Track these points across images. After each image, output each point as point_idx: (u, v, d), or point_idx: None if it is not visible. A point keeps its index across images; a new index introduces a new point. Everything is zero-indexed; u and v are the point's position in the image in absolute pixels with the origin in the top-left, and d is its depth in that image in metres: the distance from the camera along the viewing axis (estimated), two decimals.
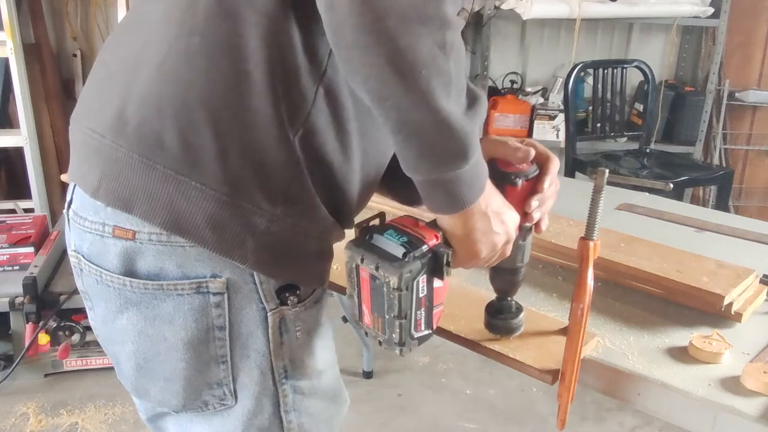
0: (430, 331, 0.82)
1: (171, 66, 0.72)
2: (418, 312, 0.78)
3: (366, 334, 0.83)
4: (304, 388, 0.85)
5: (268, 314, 0.79)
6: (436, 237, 0.78)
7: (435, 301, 0.80)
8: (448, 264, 0.78)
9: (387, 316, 0.77)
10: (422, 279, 0.77)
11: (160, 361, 0.80)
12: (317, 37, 0.72)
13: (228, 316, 0.77)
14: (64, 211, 0.85)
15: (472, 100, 0.72)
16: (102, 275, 0.79)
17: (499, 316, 0.93)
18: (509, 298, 0.93)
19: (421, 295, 0.77)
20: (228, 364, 0.80)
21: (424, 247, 0.77)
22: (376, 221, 0.82)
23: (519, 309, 0.94)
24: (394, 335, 0.78)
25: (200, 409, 0.83)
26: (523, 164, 0.84)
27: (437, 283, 0.79)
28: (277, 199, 0.73)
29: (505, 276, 0.91)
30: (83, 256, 0.81)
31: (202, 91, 0.71)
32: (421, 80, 0.65)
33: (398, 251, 0.76)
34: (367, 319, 0.81)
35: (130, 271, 0.77)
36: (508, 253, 0.85)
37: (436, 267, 0.78)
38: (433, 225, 0.80)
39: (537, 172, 0.85)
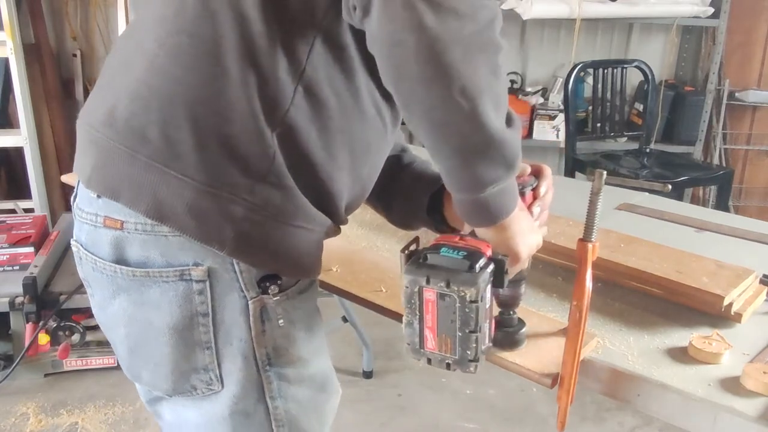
0: (491, 344, 0.82)
1: (159, 64, 0.76)
2: (485, 324, 0.78)
3: (429, 361, 0.80)
4: (289, 375, 0.86)
5: (249, 303, 0.81)
6: (488, 246, 0.80)
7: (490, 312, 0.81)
8: (506, 272, 0.79)
9: (460, 333, 0.76)
10: (488, 289, 0.77)
11: (149, 345, 0.84)
12: (296, 38, 0.76)
13: (211, 303, 0.80)
14: (72, 203, 0.90)
15: (509, 114, 0.77)
16: (97, 263, 0.83)
17: (503, 329, 0.92)
18: (512, 312, 0.93)
19: (487, 306, 0.78)
20: (213, 350, 0.82)
21: (483, 258, 0.78)
22: (413, 246, 0.82)
23: (522, 322, 0.94)
24: (468, 352, 0.77)
25: (189, 393, 0.86)
26: (522, 178, 0.90)
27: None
28: (254, 188, 0.76)
29: (507, 288, 0.91)
30: (82, 245, 0.86)
31: (184, 87, 0.75)
32: (481, 105, 0.71)
33: (464, 264, 0.76)
34: (430, 344, 0.79)
35: (120, 259, 0.81)
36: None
37: (496, 276, 0.79)
38: (475, 236, 0.83)
39: (536, 182, 0.93)
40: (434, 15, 0.67)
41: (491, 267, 0.78)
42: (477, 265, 0.76)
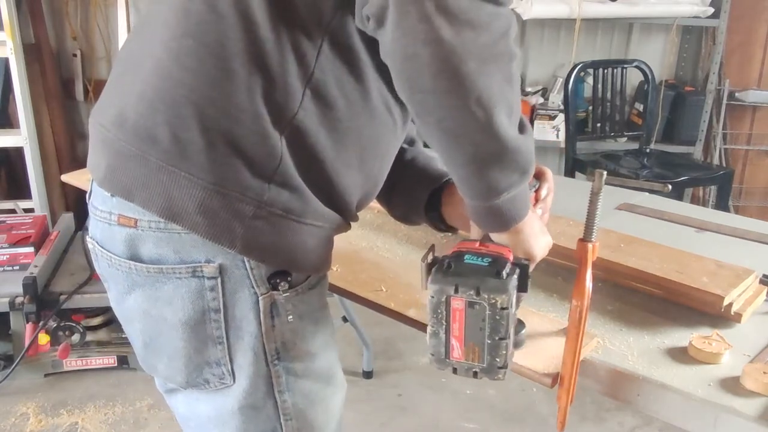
0: (514, 350, 0.82)
1: (164, 66, 0.77)
2: (512, 330, 0.77)
3: (455, 371, 0.79)
4: (296, 369, 0.87)
5: (259, 299, 0.82)
6: (509, 252, 0.80)
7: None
8: (529, 276, 0.80)
9: (489, 341, 0.75)
10: (515, 295, 0.77)
11: (163, 339, 0.85)
12: (304, 42, 0.76)
13: (222, 299, 0.81)
14: (87, 200, 0.91)
15: (521, 120, 0.78)
16: (112, 259, 0.85)
17: None
18: None
19: (514, 311, 0.77)
20: (225, 345, 0.84)
21: (508, 263, 0.77)
22: (431, 255, 0.80)
23: (522, 324, 0.94)
24: (498, 359, 0.76)
25: (203, 387, 0.88)
26: None
27: None
28: (263, 188, 0.77)
29: None
30: (97, 242, 0.87)
31: (190, 89, 0.76)
32: (495, 116, 0.71)
33: (491, 271, 0.75)
34: (457, 353, 0.78)
35: (134, 256, 0.82)
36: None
37: (521, 280, 0.79)
38: (489, 239, 0.84)
39: (538, 184, 0.94)
40: (450, 27, 0.67)
41: (517, 272, 0.78)
42: (504, 271, 0.75)
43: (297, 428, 0.89)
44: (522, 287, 0.79)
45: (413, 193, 1.02)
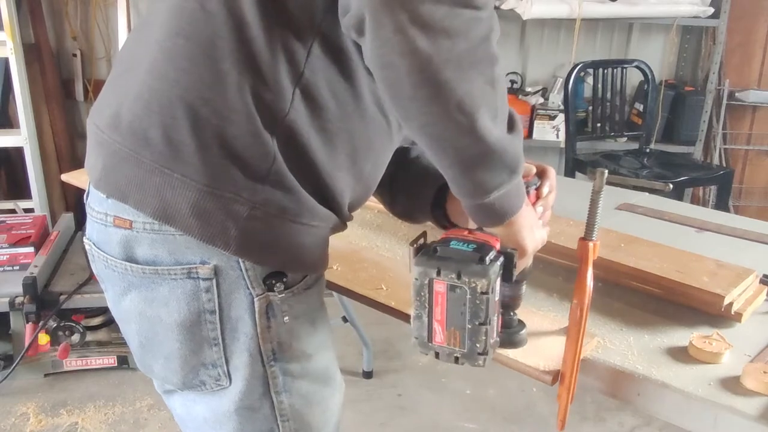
0: (498, 339, 0.82)
1: (159, 66, 0.77)
2: (494, 317, 0.78)
3: (437, 355, 0.80)
4: (293, 370, 0.87)
5: (255, 300, 0.82)
6: (497, 240, 0.81)
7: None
8: (515, 265, 0.80)
9: (470, 326, 0.76)
10: (498, 281, 0.78)
11: (159, 340, 0.85)
12: (294, 42, 0.76)
13: (217, 300, 0.81)
14: (84, 201, 0.91)
15: (510, 118, 0.78)
16: (108, 261, 0.85)
17: (504, 330, 0.92)
18: (512, 313, 0.93)
19: (496, 299, 0.78)
20: (220, 346, 0.84)
21: (493, 251, 0.78)
22: (421, 240, 0.82)
23: (522, 323, 0.94)
24: (477, 345, 0.77)
25: (199, 388, 0.87)
26: (526, 177, 0.91)
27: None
28: (256, 188, 0.77)
29: (508, 288, 0.92)
30: (93, 243, 0.87)
31: (183, 89, 0.76)
32: (478, 120, 0.71)
33: (474, 256, 0.76)
34: (439, 337, 0.79)
35: (130, 257, 0.82)
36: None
37: (505, 269, 0.80)
38: (482, 230, 0.84)
39: (539, 182, 0.94)
40: (426, 37, 0.67)
41: (501, 260, 0.79)
42: (487, 257, 0.76)
43: (294, 429, 0.89)
44: (506, 276, 0.80)
45: (419, 192, 1.02)
